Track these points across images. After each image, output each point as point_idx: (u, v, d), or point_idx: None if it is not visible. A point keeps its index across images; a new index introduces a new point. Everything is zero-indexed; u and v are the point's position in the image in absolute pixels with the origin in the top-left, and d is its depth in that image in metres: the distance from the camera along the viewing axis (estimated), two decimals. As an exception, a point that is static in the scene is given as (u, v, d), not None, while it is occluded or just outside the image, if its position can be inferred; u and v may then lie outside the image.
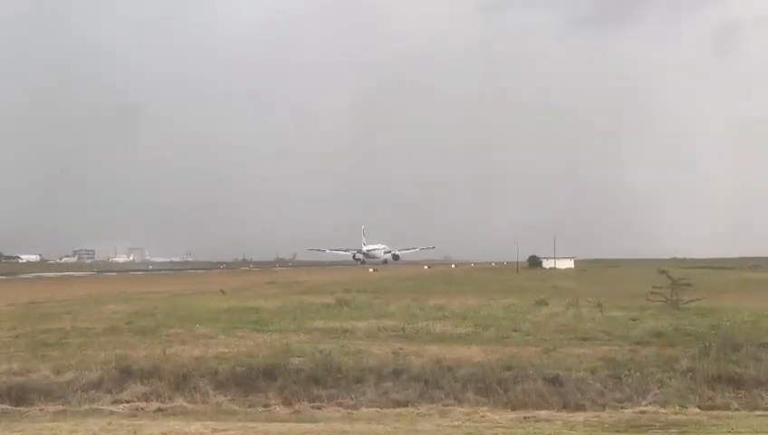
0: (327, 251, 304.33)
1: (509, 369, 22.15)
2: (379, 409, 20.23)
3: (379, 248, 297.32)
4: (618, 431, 17.63)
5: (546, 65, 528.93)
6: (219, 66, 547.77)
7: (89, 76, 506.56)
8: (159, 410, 20.40)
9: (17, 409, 20.67)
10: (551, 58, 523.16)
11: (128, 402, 20.97)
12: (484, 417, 19.01)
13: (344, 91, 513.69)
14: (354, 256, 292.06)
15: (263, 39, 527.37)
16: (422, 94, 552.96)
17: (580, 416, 18.85)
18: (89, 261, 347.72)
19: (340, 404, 20.70)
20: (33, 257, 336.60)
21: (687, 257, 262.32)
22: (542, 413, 19.16)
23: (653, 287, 43.73)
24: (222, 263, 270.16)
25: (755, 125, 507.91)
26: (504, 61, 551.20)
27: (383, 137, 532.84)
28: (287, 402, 20.92)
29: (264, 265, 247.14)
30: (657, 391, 20.45)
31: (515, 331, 30.98)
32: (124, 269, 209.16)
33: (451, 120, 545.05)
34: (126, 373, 22.54)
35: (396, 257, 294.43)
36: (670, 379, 21.14)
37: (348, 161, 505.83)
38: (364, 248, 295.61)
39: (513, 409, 19.77)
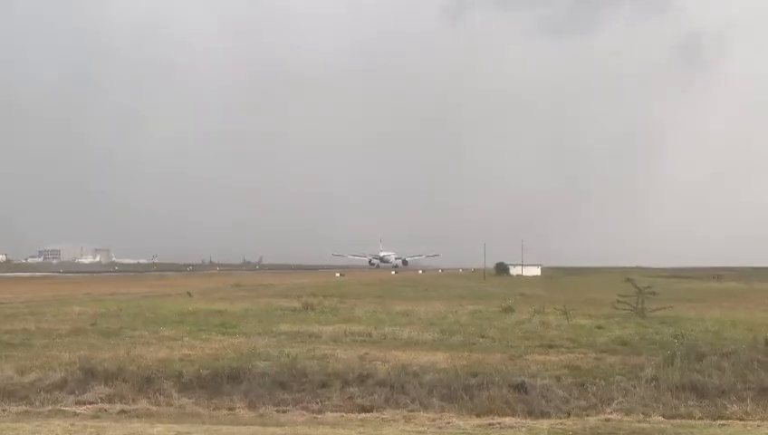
0: (348, 256, 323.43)
1: (474, 375, 22.12)
2: (344, 413, 20.17)
3: (391, 254, 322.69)
4: (582, 439, 17.71)
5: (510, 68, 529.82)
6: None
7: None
8: (123, 411, 20.22)
9: (-21, 409, 20.51)
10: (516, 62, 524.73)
11: (91, 404, 20.77)
12: (449, 423, 18.99)
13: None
14: (370, 260, 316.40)
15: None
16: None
17: (544, 423, 18.86)
18: (54, 262, 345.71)
19: (305, 408, 20.61)
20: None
21: (653, 266, 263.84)
22: (507, 420, 19.15)
23: (619, 296, 44.03)
24: (189, 265, 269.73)
25: (720, 136, 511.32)
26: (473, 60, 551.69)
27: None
28: (252, 406, 20.84)
29: (230, 268, 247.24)
30: (621, 399, 20.49)
31: (481, 337, 31.03)
32: (90, 270, 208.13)
33: (415, 121, 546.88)
34: (89, 375, 22.36)
35: (405, 263, 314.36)
36: (635, 387, 21.18)
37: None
38: (380, 254, 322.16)
39: (479, 415, 19.75)
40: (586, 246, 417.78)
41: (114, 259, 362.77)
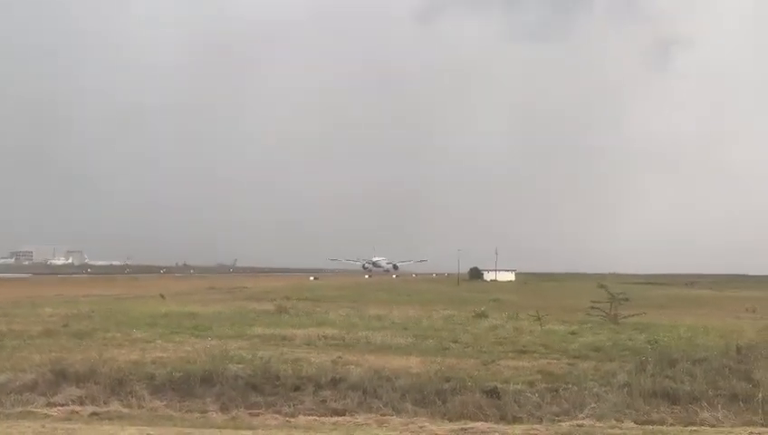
0: (342, 261, 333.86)
1: (447, 380, 22.13)
2: (316, 417, 20.11)
3: (383, 259, 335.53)
4: (554, 444, 17.73)
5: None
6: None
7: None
8: (94, 414, 20.10)
9: (-51, 410, 20.34)
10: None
11: (62, 406, 20.64)
12: (421, 427, 18.96)
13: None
14: (364, 265, 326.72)
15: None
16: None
17: (517, 428, 18.86)
18: (26, 263, 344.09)
19: (277, 412, 20.54)
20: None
21: (626, 273, 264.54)
22: (480, 425, 19.13)
23: (592, 302, 44.19)
24: (162, 267, 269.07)
25: (690, 140, 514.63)
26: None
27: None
28: (224, 409, 20.74)
29: (204, 271, 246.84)
30: (593, 404, 20.48)
31: (455, 342, 31.11)
32: (62, 272, 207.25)
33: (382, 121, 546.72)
34: (61, 376, 22.23)
35: (396, 267, 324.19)
36: (607, 393, 21.18)
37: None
38: (373, 259, 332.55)
39: (451, 420, 19.72)
40: (561, 251, 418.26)
41: (87, 261, 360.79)
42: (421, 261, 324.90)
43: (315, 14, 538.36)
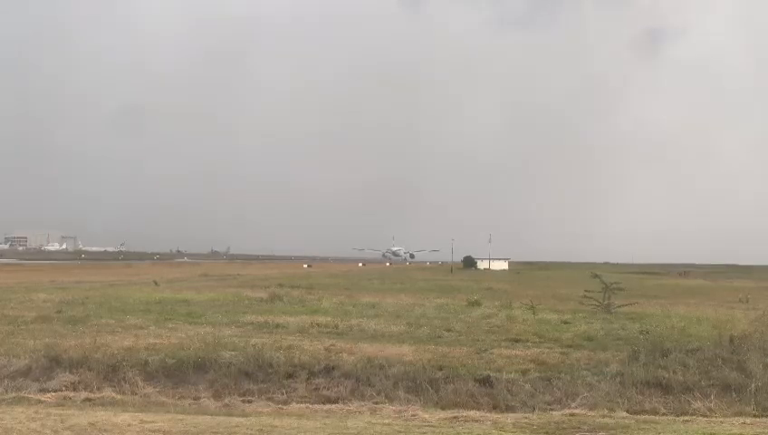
0: (365, 250, 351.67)
1: (440, 368, 22.16)
2: (309, 405, 20.13)
3: (401, 249, 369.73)
4: (546, 433, 17.62)
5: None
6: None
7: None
8: (87, 399, 20.13)
9: (-58, 395, 20.35)
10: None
11: (55, 391, 20.68)
12: (414, 415, 18.96)
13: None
14: (384, 254, 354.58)
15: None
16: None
17: (509, 417, 18.84)
18: (21, 248, 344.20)
19: (270, 399, 20.58)
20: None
21: (620, 262, 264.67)
22: (472, 413, 19.11)
23: (585, 291, 44.08)
24: (156, 254, 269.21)
25: (682, 130, 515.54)
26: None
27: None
28: (217, 396, 20.78)
29: (197, 258, 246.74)
30: (586, 394, 20.53)
31: (448, 330, 31.06)
32: (56, 258, 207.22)
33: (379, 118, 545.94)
34: (54, 362, 22.27)
35: (412, 256, 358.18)
36: (600, 382, 21.22)
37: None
38: (393, 249, 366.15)
39: (444, 408, 19.74)
40: (555, 241, 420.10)
41: (81, 247, 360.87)
42: (434, 250, 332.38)
43: (314, 14, 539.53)
